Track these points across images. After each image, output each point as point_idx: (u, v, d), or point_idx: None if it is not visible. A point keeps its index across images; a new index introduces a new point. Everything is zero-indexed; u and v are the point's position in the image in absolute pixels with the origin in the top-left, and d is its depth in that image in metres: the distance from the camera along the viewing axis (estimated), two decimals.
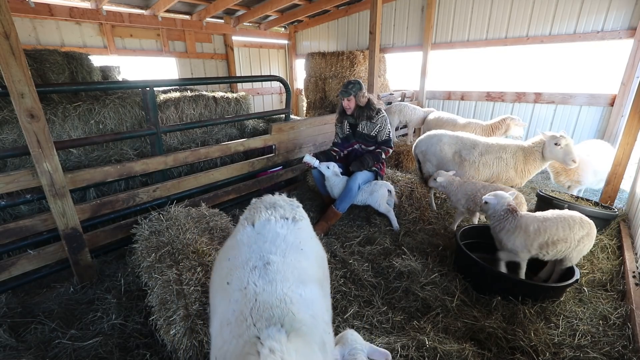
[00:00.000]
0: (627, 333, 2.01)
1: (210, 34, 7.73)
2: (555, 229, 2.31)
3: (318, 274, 1.35)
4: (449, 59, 7.00)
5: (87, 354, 1.97)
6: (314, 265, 1.37)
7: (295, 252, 1.33)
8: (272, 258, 1.24)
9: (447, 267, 2.74)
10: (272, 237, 1.37)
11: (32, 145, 2.16)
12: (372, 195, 3.36)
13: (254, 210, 1.55)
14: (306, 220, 1.62)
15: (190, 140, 4.11)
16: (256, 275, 1.16)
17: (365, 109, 3.42)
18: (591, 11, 4.95)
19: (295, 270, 1.23)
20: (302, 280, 1.20)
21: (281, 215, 1.50)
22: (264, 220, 1.45)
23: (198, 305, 1.83)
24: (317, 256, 1.46)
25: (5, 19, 1.90)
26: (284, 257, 1.26)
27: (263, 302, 1.06)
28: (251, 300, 1.07)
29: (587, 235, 2.33)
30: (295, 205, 1.66)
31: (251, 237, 1.38)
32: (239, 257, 1.29)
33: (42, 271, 2.57)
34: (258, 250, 1.29)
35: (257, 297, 1.08)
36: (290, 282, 1.16)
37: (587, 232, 2.34)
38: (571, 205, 3.15)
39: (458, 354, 1.84)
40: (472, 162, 3.49)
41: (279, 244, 1.34)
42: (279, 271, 1.18)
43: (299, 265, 1.27)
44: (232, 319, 1.06)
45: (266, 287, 1.11)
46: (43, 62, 3.44)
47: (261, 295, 1.08)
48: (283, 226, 1.44)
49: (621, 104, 4.83)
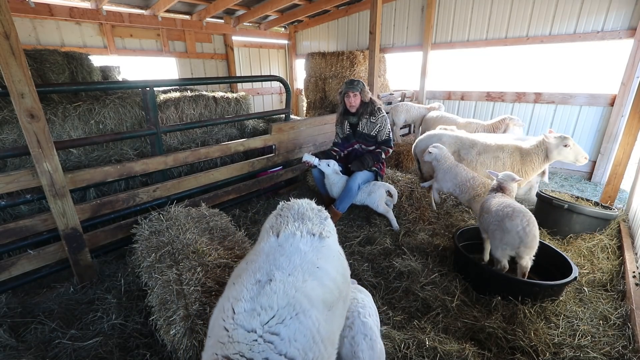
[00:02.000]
0: (627, 333, 2.01)
1: (210, 34, 7.73)
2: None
3: (329, 295, 1.29)
4: (449, 59, 6.99)
5: (87, 354, 1.97)
6: (327, 285, 1.31)
7: (305, 271, 1.29)
8: (276, 276, 1.22)
9: (447, 267, 2.74)
10: (290, 252, 1.36)
11: (32, 145, 2.16)
12: (370, 196, 3.36)
13: (282, 219, 1.54)
14: (333, 237, 1.60)
15: (190, 140, 4.11)
16: (254, 290, 1.17)
17: (369, 105, 3.44)
18: (591, 11, 4.95)
19: (292, 290, 1.18)
20: (293, 306, 1.14)
21: (308, 230, 1.49)
22: (289, 233, 1.45)
23: (198, 305, 1.83)
24: (336, 274, 1.40)
25: (5, 19, 1.90)
26: (289, 276, 1.24)
27: (241, 334, 1.04)
28: (232, 325, 1.07)
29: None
30: (324, 217, 1.65)
31: (272, 248, 1.39)
32: (254, 264, 1.31)
33: (42, 271, 2.58)
34: (272, 263, 1.29)
35: (236, 328, 1.06)
36: (274, 310, 1.11)
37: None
38: (571, 205, 3.15)
39: (458, 354, 1.84)
40: (470, 162, 3.51)
41: (294, 259, 1.32)
42: (275, 292, 1.15)
43: (301, 286, 1.22)
44: (215, 325, 1.11)
45: (249, 320, 1.08)
46: (43, 62, 3.43)
47: (240, 329, 1.06)
48: (307, 243, 1.43)
49: (621, 104, 4.83)
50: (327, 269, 1.37)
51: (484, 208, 2.65)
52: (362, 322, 1.49)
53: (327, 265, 1.38)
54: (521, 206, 2.45)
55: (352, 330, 1.46)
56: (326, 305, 1.25)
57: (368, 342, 1.43)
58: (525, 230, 2.28)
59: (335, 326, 1.27)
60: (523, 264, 2.38)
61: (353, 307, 1.56)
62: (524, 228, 2.28)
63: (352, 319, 1.49)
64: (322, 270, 1.34)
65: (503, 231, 2.36)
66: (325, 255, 1.43)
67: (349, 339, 1.43)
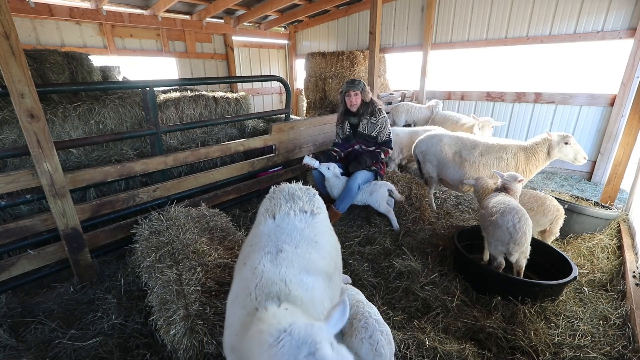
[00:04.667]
0: (627, 333, 2.01)
1: (210, 34, 7.73)
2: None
3: (328, 267, 1.45)
4: (449, 59, 6.99)
5: (87, 354, 1.97)
6: (326, 257, 1.48)
7: (308, 245, 1.45)
8: (285, 247, 1.36)
9: (447, 267, 2.74)
10: (289, 229, 1.50)
11: (32, 145, 2.16)
12: (371, 196, 3.35)
13: (274, 202, 1.66)
14: (323, 213, 1.72)
15: (190, 140, 4.11)
16: (267, 259, 1.29)
17: (369, 105, 3.45)
18: (591, 11, 4.94)
19: (303, 260, 1.34)
20: (307, 270, 1.31)
21: (300, 208, 1.61)
22: (283, 213, 1.57)
23: (198, 305, 1.83)
24: (330, 248, 1.57)
25: (5, 19, 1.90)
26: (296, 248, 1.39)
27: (266, 279, 1.18)
28: (257, 277, 1.19)
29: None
30: (312, 193, 1.78)
31: (271, 230, 1.51)
32: (259, 244, 1.43)
33: (42, 271, 2.57)
34: (275, 240, 1.42)
35: (262, 275, 1.20)
36: (294, 268, 1.27)
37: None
38: (571, 205, 3.15)
39: (458, 354, 1.84)
40: (473, 163, 3.49)
41: (295, 236, 1.46)
42: (287, 258, 1.30)
43: (308, 257, 1.38)
44: (240, 293, 1.20)
45: (272, 269, 1.23)
46: (43, 62, 3.43)
47: (265, 275, 1.20)
48: (301, 220, 1.56)
49: (621, 104, 4.83)
50: (323, 244, 1.53)
51: (484, 205, 2.68)
52: (375, 320, 1.54)
53: (323, 241, 1.54)
54: (517, 205, 2.47)
55: (368, 330, 1.49)
56: (327, 275, 1.40)
57: (385, 337, 1.49)
58: (516, 226, 2.29)
59: (327, 295, 1.35)
60: (514, 261, 2.40)
61: (361, 308, 1.61)
62: (514, 224, 2.30)
63: (365, 319, 1.54)
64: (320, 245, 1.50)
65: (495, 226, 2.40)
66: (320, 230, 1.58)
67: (367, 338, 1.47)
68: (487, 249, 2.69)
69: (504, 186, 2.75)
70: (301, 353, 0.75)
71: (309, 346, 0.76)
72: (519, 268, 2.43)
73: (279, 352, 0.77)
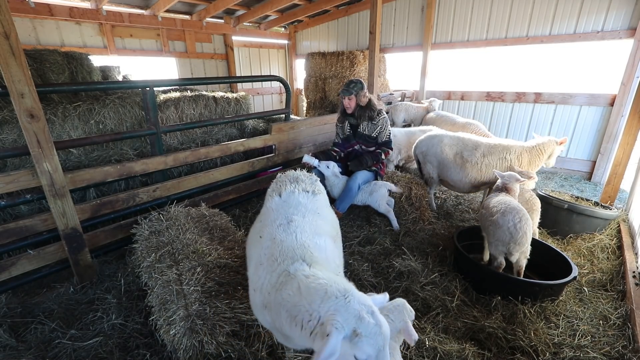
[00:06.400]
0: (627, 333, 2.01)
1: (210, 34, 7.73)
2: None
3: (332, 232, 1.68)
4: (449, 59, 6.99)
5: (87, 354, 1.97)
6: (329, 225, 1.71)
7: (313, 215, 1.67)
8: (294, 217, 1.56)
9: (447, 267, 2.74)
10: (295, 204, 1.71)
11: (32, 145, 2.16)
12: (371, 196, 3.35)
13: (280, 183, 1.88)
14: (323, 194, 1.97)
15: (190, 140, 4.11)
16: (281, 230, 1.48)
17: (367, 110, 3.42)
18: (591, 11, 4.95)
19: (312, 225, 1.56)
20: (317, 233, 1.52)
21: (303, 188, 1.83)
22: (289, 191, 1.79)
23: (198, 305, 1.83)
24: (331, 219, 1.82)
25: (5, 19, 1.90)
26: (304, 217, 1.60)
27: (287, 246, 1.37)
28: (278, 245, 1.38)
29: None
30: (314, 179, 1.99)
31: (279, 205, 1.72)
32: (269, 218, 1.63)
33: (42, 271, 2.57)
34: (284, 213, 1.62)
35: (282, 243, 1.39)
36: (307, 233, 1.47)
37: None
38: (571, 205, 3.15)
39: (458, 354, 1.84)
40: (475, 164, 3.47)
41: (301, 209, 1.67)
42: (298, 226, 1.50)
43: (316, 223, 1.60)
44: (264, 260, 1.37)
45: (289, 237, 1.42)
46: (43, 62, 3.43)
47: (285, 242, 1.39)
48: (304, 197, 1.78)
49: (621, 104, 4.83)
50: (325, 214, 1.78)
51: (484, 205, 2.68)
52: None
53: (324, 212, 1.79)
54: (518, 204, 2.47)
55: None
56: (332, 237, 1.62)
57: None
58: (516, 226, 2.30)
59: (336, 254, 1.58)
60: (514, 261, 2.40)
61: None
62: (515, 224, 2.30)
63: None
64: (322, 215, 1.74)
65: (495, 226, 2.40)
66: (320, 205, 1.81)
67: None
68: (487, 249, 2.70)
69: (504, 186, 2.76)
70: (363, 310, 1.02)
71: (367, 307, 1.04)
72: (519, 268, 2.44)
73: (347, 304, 1.03)
